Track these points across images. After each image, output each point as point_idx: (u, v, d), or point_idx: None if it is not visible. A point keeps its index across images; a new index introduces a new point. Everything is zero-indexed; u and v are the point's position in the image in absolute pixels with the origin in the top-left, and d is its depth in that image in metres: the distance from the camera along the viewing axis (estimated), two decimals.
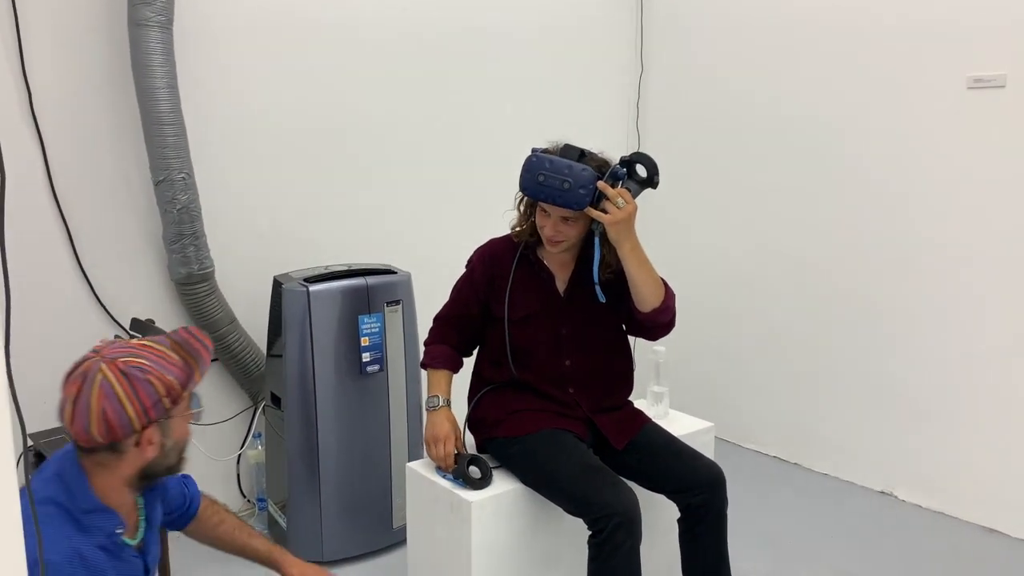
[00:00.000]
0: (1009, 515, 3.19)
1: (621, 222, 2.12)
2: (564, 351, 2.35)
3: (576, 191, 2.10)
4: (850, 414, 3.67)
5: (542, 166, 2.12)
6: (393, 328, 2.95)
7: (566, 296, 2.37)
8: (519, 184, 2.19)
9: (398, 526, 3.00)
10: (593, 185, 2.10)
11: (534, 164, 2.14)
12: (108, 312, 2.95)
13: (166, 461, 1.59)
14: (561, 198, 2.12)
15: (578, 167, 2.11)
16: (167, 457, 1.58)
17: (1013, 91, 3.07)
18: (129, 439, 1.49)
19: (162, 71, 2.76)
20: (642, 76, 4.37)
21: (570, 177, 2.10)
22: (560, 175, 2.10)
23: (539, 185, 2.13)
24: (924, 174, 3.33)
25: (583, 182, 2.10)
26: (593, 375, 2.39)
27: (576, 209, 2.13)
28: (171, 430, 1.56)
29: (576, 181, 2.10)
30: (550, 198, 2.13)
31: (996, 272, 3.17)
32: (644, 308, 2.25)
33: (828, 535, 3.20)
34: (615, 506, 2.07)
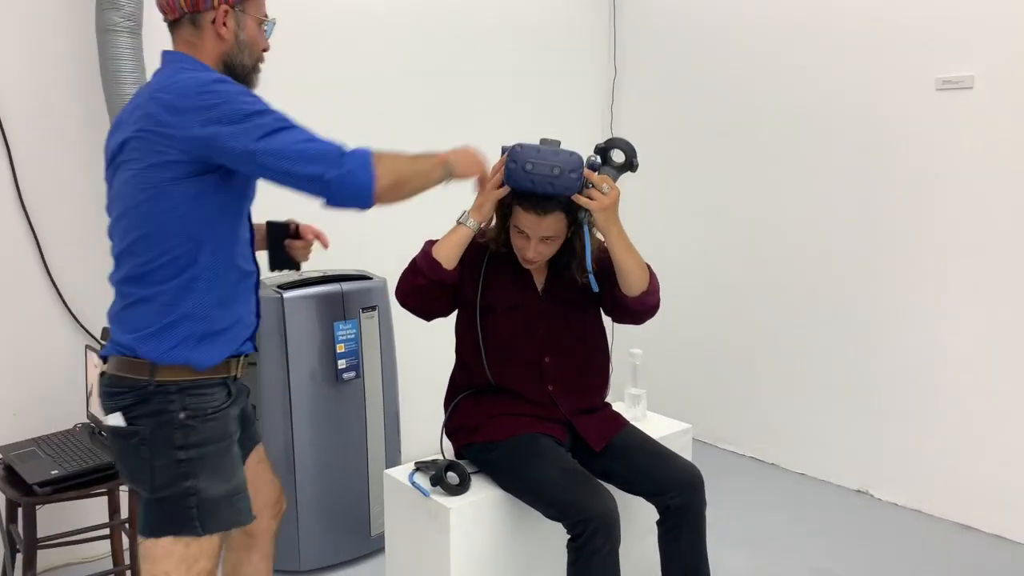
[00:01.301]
0: (982, 511, 3.22)
1: (608, 208, 2.12)
2: (543, 348, 2.35)
3: (567, 176, 2.06)
4: (826, 415, 3.69)
5: (529, 155, 2.08)
6: (369, 334, 2.93)
7: (544, 294, 2.37)
8: (506, 178, 2.11)
9: (376, 534, 2.98)
10: (582, 169, 2.08)
11: (520, 154, 2.09)
12: (78, 321, 2.91)
13: (240, 57, 1.76)
14: (552, 186, 2.08)
15: (565, 152, 2.09)
16: (240, 52, 1.76)
17: (981, 92, 3.10)
18: (208, 13, 1.72)
19: (132, 77, 2.73)
20: (616, 79, 4.39)
21: (559, 163, 2.06)
22: (549, 162, 2.06)
23: (528, 175, 2.07)
24: (895, 175, 3.37)
25: (572, 166, 2.07)
26: (572, 373, 2.38)
27: (568, 196, 2.10)
28: (244, 24, 1.75)
29: (565, 166, 2.06)
30: (541, 187, 2.09)
31: (968, 272, 3.20)
32: (632, 292, 2.26)
33: (805, 534, 3.22)
34: (594, 510, 2.06)
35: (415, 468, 2.34)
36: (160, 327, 1.67)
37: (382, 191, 1.67)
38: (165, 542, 1.67)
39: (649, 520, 2.33)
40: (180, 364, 1.68)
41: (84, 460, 2.50)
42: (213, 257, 1.69)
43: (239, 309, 1.77)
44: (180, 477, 1.67)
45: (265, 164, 1.61)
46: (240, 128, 1.59)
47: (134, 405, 1.68)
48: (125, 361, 1.69)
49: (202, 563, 1.70)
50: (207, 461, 1.69)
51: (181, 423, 1.67)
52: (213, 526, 1.70)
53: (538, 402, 2.34)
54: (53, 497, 2.39)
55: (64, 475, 2.42)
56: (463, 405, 2.38)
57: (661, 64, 4.21)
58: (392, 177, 1.69)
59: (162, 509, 1.68)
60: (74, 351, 2.90)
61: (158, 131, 1.61)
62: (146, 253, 1.66)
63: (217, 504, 1.70)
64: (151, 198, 1.63)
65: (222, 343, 1.73)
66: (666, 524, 2.29)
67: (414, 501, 2.29)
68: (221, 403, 1.74)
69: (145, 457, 1.67)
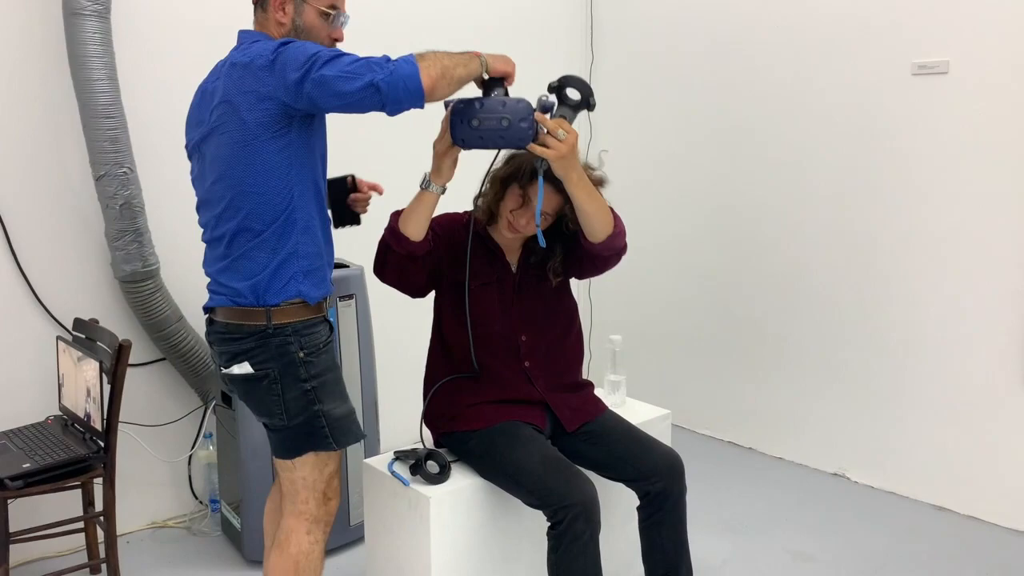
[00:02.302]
0: (957, 493, 3.26)
1: (567, 155, 2.00)
2: (518, 326, 2.34)
3: (517, 126, 1.92)
4: (802, 399, 3.72)
5: (474, 111, 1.94)
6: (346, 323, 2.90)
7: (518, 274, 2.37)
8: (453, 138, 2.00)
9: (355, 523, 2.96)
10: (532, 117, 1.94)
11: (464, 110, 1.95)
12: (49, 313, 2.86)
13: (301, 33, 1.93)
14: (503, 139, 1.95)
15: (512, 101, 1.94)
16: (298, 36, 1.92)
17: (956, 77, 3.12)
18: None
19: (100, 62, 2.68)
20: (593, 64, 4.37)
21: (507, 113, 1.92)
22: (496, 114, 1.92)
23: (475, 131, 1.95)
24: (871, 160, 3.38)
25: (522, 115, 1.92)
26: (547, 351, 2.38)
27: (521, 147, 1.98)
28: (302, 12, 1.93)
29: (514, 116, 1.92)
30: (491, 142, 1.97)
31: (944, 256, 3.23)
32: (598, 238, 2.19)
33: (783, 517, 3.24)
34: (574, 497, 2.06)
35: (394, 457, 2.33)
36: (274, 267, 1.91)
37: (431, 82, 1.78)
38: (304, 456, 1.99)
39: (630, 506, 2.33)
40: (294, 298, 1.93)
41: (56, 453, 2.47)
42: (302, 201, 1.91)
43: (326, 249, 2.02)
44: (309, 403, 1.95)
45: (327, 93, 1.76)
46: (303, 71, 1.76)
47: (254, 349, 1.93)
48: (239, 310, 1.93)
49: (331, 465, 2.04)
50: (327, 387, 1.98)
51: (303, 360, 1.94)
52: (344, 440, 2.02)
53: (514, 381, 2.33)
54: (25, 491, 2.36)
55: (36, 468, 2.38)
56: (441, 393, 2.37)
57: (638, 49, 4.19)
58: (438, 68, 1.79)
59: (300, 433, 1.97)
60: (45, 343, 2.85)
61: (242, 93, 1.83)
62: (247, 205, 1.89)
63: (342, 422, 2.01)
64: (246, 155, 1.85)
65: (321, 278, 1.99)
66: (647, 510, 2.29)
67: (393, 490, 2.27)
68: (327, 338, 2.02)
69: (277, 394, 1.94)
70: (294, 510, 2.03)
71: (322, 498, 2.03)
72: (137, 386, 3.02)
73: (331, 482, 2.05)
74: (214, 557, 2.96)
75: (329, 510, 2.06)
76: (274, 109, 1.82)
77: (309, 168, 1.92)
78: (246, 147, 1.85)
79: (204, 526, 3.14)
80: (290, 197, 1.89)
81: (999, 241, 3.07)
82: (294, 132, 1.87)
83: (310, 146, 1.92)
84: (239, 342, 1.94)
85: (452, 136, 2.00)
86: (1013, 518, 3.13)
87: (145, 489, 3.12)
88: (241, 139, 1.85)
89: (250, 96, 1.82)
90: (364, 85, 1.74)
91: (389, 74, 1.74)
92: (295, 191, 1.90)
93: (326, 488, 2.04)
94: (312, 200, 1.94)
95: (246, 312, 1.93)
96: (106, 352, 2.55)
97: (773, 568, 2.87)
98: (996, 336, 3.11)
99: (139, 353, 2.99)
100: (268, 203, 1.88)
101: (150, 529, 3.14)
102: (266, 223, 1.89)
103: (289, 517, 2.04)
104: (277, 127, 1.84)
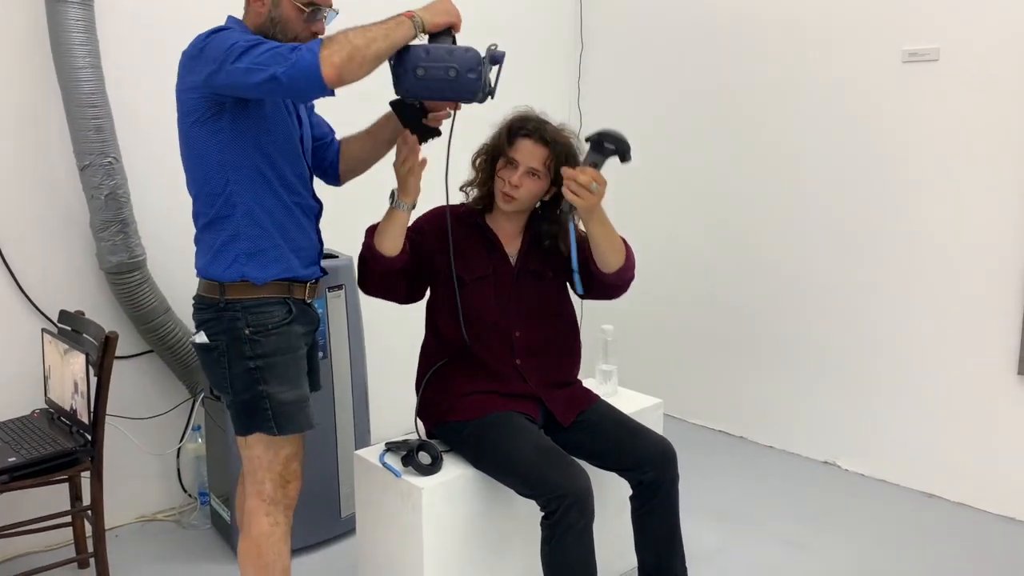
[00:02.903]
0: (947, 480, 3.27)
1: (595, 206, 2.11)
2: (513, 322, 2.32)
3: (465, 77, 1.83)
4: (793, 388, 3.72)
5: (419, 58, 1.82)
6: (336, 314, 2.88)
7: (517, 267, 2.35)
8: (396, 87, 1.88)
9: (347, 515, 2.95)
10: (480, 66, 1.84)
11: (409, 58, 1.83)
12: (34, 304, 2.82)
13: (272, 33, 1.93)
14: (451, 90, 1.84)
15: (459, 49, 1.84)
16: (272, 28, 1.93)
17: (946, 64, 3.12)
18: None
19: (84, 50, 2.64)
20: (583, 53, 4.34)
21: (454, 62, 1.82)
22: (443, 63, 1.81)
23: (420, 81, 1.83)
24: (862, 148, 3.38)
25: (470, 64, 1.82)
26: (542, 348, 2.36)
27: (469, 100, 1.88)
28: (278, 3, 1.93)
29: (463, 66, 1.82)
30: (438, 93, 1.86)
31: (933, 245, 3.23)
32: (610, 269, 2.26)
33: (775, 505, 3.24)
34: (567, 487, 2.05)
35: (386, 448, 2.31)
36: (217, 248, 1.96)
37: (335, 71, 1.73)
38: (254, 435, 2.00)
39: (623, 495, 2.33)
40: (239, 280, 1.95)
41: (43, 447, 2.44)
42: (240, 187, 1.93)
43: (289, 234, 2.01)
44: (254, 382, 1.96)
45: (237, 84, 1.77)
46: (218, 63, 1.78)
47: (211, 321, 1.98)
48: (204, 283, 2.01)
49: (287, 448, 2.03)
50: (275, 370, 1.98)
51: (248, 337, 1.96)
52: (287, 427, 2.00)
53: (508, 375, 2.32)
54: (11, 485, 2.33)
55: (22, 462, 2.36)
56: (434, 384, 2.35)
57: (629, 38, 4.17)
58: (346, 51, 1.74)
59: (244, 411, 1.99)
60: (30, 336, 2.81)
61: (180, 82, 1.91)
62: (193, 189, 1.98)
63: (288, 407, 1.99)
64: (186, 142, 1.94)
65: (271, 261, 1.97)
66: (639, 499, 2.29)
67: (385, 482, 2.26)
68: (281, 319, 1.99)
69: (224, 367, 1.98)
70: (253, 490, 2.05)
71: (279, 480, 2.04)
72: (124, 379, 2.99)
73: (288, 465, 2.05)
74: (204, 550, 2.93)
75: (288, 493, 2.06)
76: (200, 98, 1.86)
77: (247, 155, 1.92)
78: (185, 135, 1.94)
79: (193, 519, 3.12)
80: (225, 182, 1.92)
81: (990, 229, 3.08)
82: (226, 120, 1.88)
83: (246, 132, 1.91)
84: (201, 312, 2.02)
85: (396, 86, 1.89)
86: (1003, 505, 3.14)
87: (133, 483, 3.10)
88: (182, 127, 1.94)
89: (183, 84, 1.90)
90: (266, 78, 1.74)
91: (290, 66, 1.73)
92: (230, 177, 1.92)
93: (283, 471, 2.04)
94: (257, 186, 1.94)
95: (207, 284, 2.00)
96: (92, 344, 2.52)
97: (764, 556, 2.88)
98: (987, 325, 3.12)
99: (126, 345, 2.96)
100: (206, 188, 1.95)
101: (139, 523, 3.11)
102: (208, 206, 1.96)
103: (250, 498, 2.06)
104: (207, 115, 1.88)
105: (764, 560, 2.85)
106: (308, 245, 2.07)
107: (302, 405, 2.04)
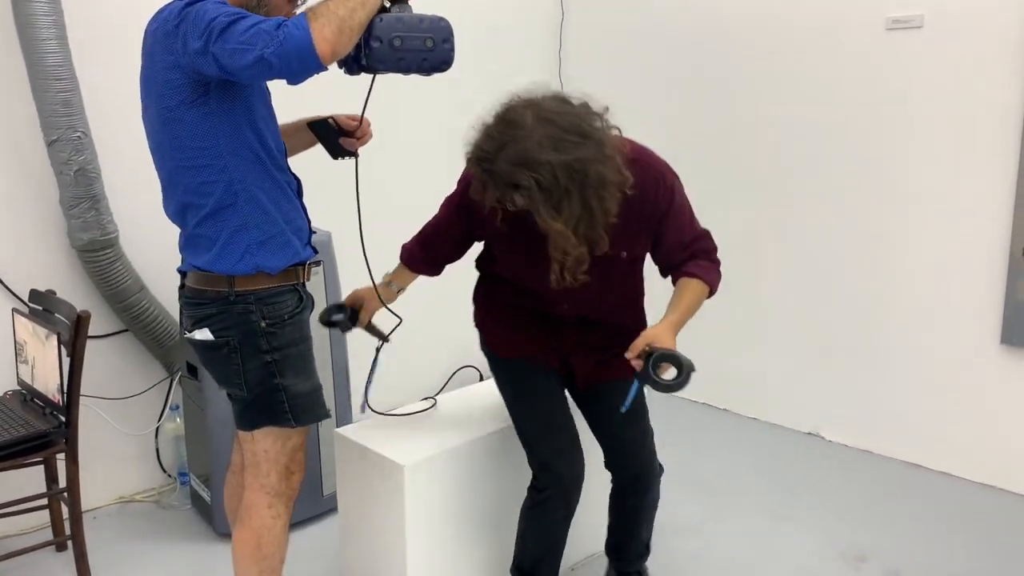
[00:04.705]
0: (930, 449, 3.28)
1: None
2: (562, 297, 2.08)
3: (441, 47, 1.76)
4: (776, 360, 3.71)
5: (394, 27, 1.72)
6: (314, 290, 2.81)
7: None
8: (369, 60, 1.74)
9: (328, 494, 2.92)
10: (451, 31, 1.78)
11: (383, 26, 1.72)
12: (3, 284, 2.76)
13: (256, 12, 1.75)
14: (427, 60, 1.76)
15: (430, 18, 1.76)
16: (258, 9, 1.78)
17: (930, 31, 3.08)
18: None
19: (48, 20, 2.55)
20: (563, 21, 4.28)
21: (430, 32, 1.75)
22: (418, 32, 1.73)
23: (396, 51, 1.73)
24: (844, 116, 3.34)
25: (444, 34, 1.77)
26: (590, 328, 2.19)
27: (442, 71, 1.80)
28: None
29: (438, 35, 1.76)
30: (413, 64, 1.76)
31: (916, 214, 3.21)
32: None
33: (759, 477, 3.24)
34: (562, 475, 2.09)
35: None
36: (224, 241, 1.83)
37: (329, 45, 1.62)
38: (262, 429, 1.93)
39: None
40: (253, 272, 1.85)
41: (15, 429, 2.39)
42: (240, 172, 1.80)
43: (288, 216, 1.91)
44: (270, 375, 1.89)
45: (224, 67, 1.64)
46: (203, 41, 1.64)
47: (216, 316, 1.87)
48: (204, 276, 1.87)
49: (295, 439, 1.97)
50: (290, 361, 1.91)
51: (264, 330, 1.87)
52: (304, 418, 1.95)
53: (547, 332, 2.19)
54: None
55: None
56: (482, 296, 2.31)
57: (610, 4, 4.10)
58: (334, 24, 1.63)
59: (259, 406, 1.92)
60: (0, 316, 2.75)
61: (156, 62, 1.76)
62: (184, 179, 1.82)
63: (304, 399, 1.94)
64: (170, 128, 1.78)
65: (280, 245, 1.88)
66: (617, 494, 2.29)
67: (366, 460, 2.23)
68: (294, 308, 1.92)
69: (237, 363, 1.88)
70: (255, 483, 1.98)
71: (284, 472, 1.98)
72: (99, 358, 2.93)
73: (295, 456, 1.99)
74: (184, 531, 2.90)
75: (292, 484, 2.00)
76: (185, 77, 1.73)
77: (242, 135, 1.80)
78: (168, 120, 1.78)
79: (173, 500, 3.08)
80: (222, 169, 1.79)
81: (974, 198, 3.06)
82: (212, 99, 1.75)
83: (236, 110, 1.79)
84: (203, 307, 1.89)
85: (370, 59, 1.75)
86: (986, 474, 3.15)
87: (111, 464, 3.05)
88: (161, 112, 1.78)
89: (159, 64, 1.75)
90: (254, 60, 1.60)
91: (279, 45, 1.59)
92: (229, 162, 1.79)
93: (289, 462, 1.98)
94: (253, 168, 1.83)
95: (210, 278, 1.87)
96: (64, 324, 2.46)
97: (750, 527, 2.88)
98: (970, 294, 3.11)
99: (100, 324, 2.90)
100: (199, 177, 1.80)
101: (117, 504, 3.07)
102: (206, 197, 1.81)
103: (251, 491, 1.99)
104: (193, 96, 1.74)
105: (749, 532, 2.85)
106: (304, 225, 1.99)
107: (317, 395, 1.99)
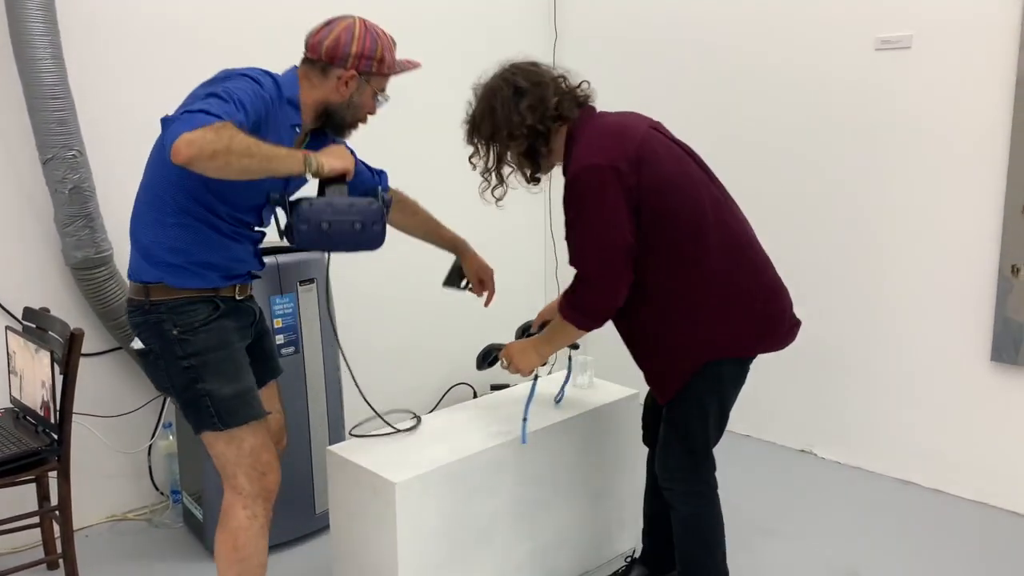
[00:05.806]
0: (921, 467, 3.29)
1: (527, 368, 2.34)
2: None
3: (371, 229, 1.87)
4: (769, 377, 3.71)
5: (323, 212, 1.84)
6: (307, 308, 2.84)
7: None
8: (295, 240, 1.88)
9: (321, 511, 2.92)
10: (382, 214, 1.90)
11: (311, 212, 1.84)
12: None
13: (344, 113, 2.01)
14: (355, 242, 1.88)
15: (360, 201, 1.87)
16: (348, 109, 2.01)
17: (919, 52, 3.12)
18: (337, 69, 1.97)
19: (45, 40, 2.57)
20: (556, 42, 4.31)
21: (359, 216, 1.85)
22: (347, 216, 1.84)
23: (324, 234, 1.85)
24: (834, 135, 3.37)
25: (375, 216, 1.87)
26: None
27: (372, 249, 1.92)
28: (363, 91, 2.01)
29: (367, 218, 1.86)
30: (342, 245, 1.89)
31: (907, 232, 3.23)
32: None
33: (751, 495, 3.24)
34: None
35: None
36: (143, 253, 1.96)
37: (188, 154, 1.63)
38: (209, 433, 1.99)
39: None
40: (156, 282, 1.94)
41: (7, 447, 2.39)
42: (184, 208, 1.91)
43: (223, 254, 1.99)
44: (192, 381, 1.96)
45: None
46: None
47: (141, 325, 1.98)
48: (132, 285, 2.00)
49: (248, 440, 2.01)
50: (210, 367, 1.96)
51: (177, 338, 1.95)
52: (231, 420, 1.98)
53: None
54: None
55: None
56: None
57: (603, 27, 4.14)
58: (210, 147, 1.64)
59: (189, 410, 1.99)
60: None
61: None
62: (142, 196, 1.99)
63: (229, 402, 1.97)
64: (148, 161, 1.99)
65: (196, 273, 1.95)
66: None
67: (358, 477, 2.23)
68: (207, 316, 1.97)
69: (162, 369, 1.99)
70: (227, 485, 2.05)
71: (253, 472, 2.03)
72: (92, 376, 2.93)
73: (258, 456, 2.03)
74: (176, 549, 2.89)
75: (266, 485, 2.05)
76: None
77: (198, 184, 1.88)
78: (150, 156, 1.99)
79: (165, 518, 3.07)
80: (166, 202, 1.93)
81: (964, 216, 3.08)
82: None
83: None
84: (132, 315, 2.02)
85: (296, 239, 1.87)
86: (977, 491, 3.16)
87: (103, 482, 3.04)
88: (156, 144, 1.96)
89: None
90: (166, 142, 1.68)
91: (170, 134, 1.65)
92: (170, 201, 1.92)
93: (253, 462, 2.02)
94: (205, 210, 1.93)
95: (134, 287, 2.01)
96: (58, 342, 2.47)
97: (742, 544, 2.87)
98: (961, 312, 3.13)
99: (94, 342, 2.91)
100: (149, 203, 1.97)
101: (109, 522, 3.06)
102: (147, 216, 1.97)
103: (226, 492, 2.06)
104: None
105: (741, 548, 2.85)
106: (237, 266, 2.04)
107: (245, 397, 2.02)
